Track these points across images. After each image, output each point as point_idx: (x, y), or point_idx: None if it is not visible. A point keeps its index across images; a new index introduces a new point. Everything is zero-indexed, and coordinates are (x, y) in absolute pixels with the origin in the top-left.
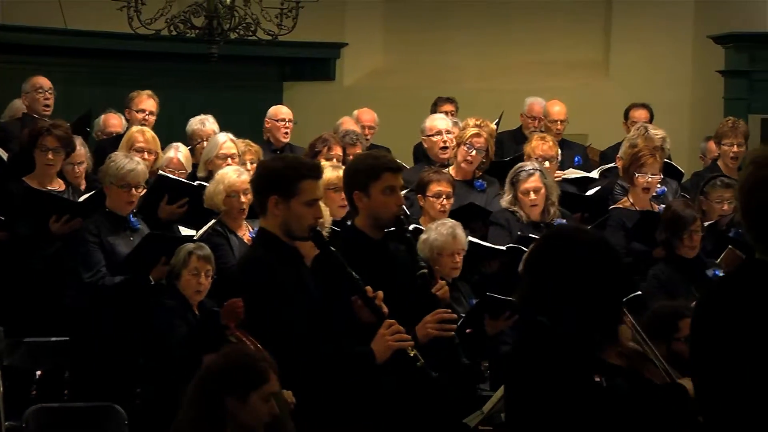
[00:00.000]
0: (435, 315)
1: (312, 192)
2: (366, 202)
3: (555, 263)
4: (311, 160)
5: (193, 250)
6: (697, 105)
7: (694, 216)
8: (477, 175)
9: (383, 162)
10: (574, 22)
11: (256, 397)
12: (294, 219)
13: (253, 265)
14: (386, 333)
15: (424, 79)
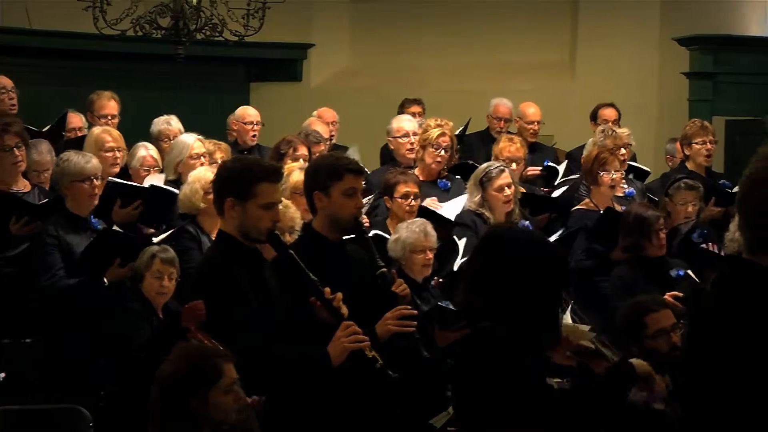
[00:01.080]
0: (395, 311)
1: (269, 195)
2: (326, 203)
3: (491, 265)
4: (271, 163)
5: (156, 253)
6: (663, 106)
7: (657, 215)
8: (441, 175)
9: (345, 163)
10: (540, 24)
11: (217, 392)
12: (250, 222)
13: (209, 266)
14: (342, 335)
15: (390, 80)
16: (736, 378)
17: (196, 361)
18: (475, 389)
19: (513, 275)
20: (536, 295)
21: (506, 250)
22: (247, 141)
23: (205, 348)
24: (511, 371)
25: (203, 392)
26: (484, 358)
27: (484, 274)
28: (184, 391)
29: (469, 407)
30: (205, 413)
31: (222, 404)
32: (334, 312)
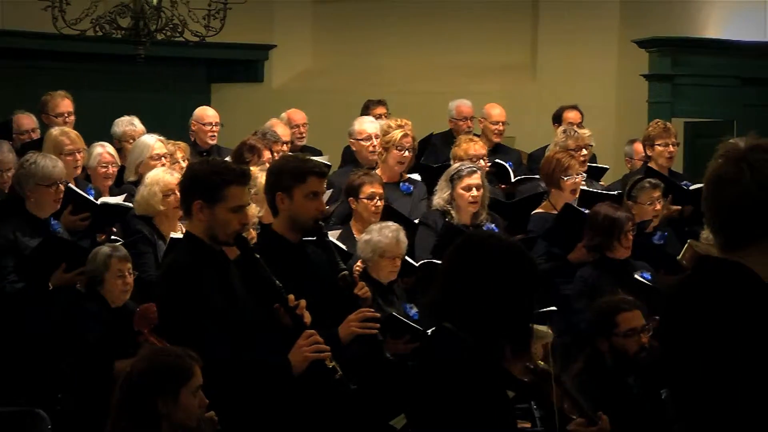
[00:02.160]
0: (358, 314)
1: (238, 198)
2: (288, 205)
3: (466, 269)
4: (239, 165)
5: (110, 253)
6: (622, 108)
7: (628, 216)
8: (403, 178)
9: (309, 166)
10: (502, 25)
11: (186, 392)
12: (219, 225)
13: (179, 269)
14: (304, 344)
15: (353, 81)
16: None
17: (168, 359)
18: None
19: (486, 281)
20: (507, 304)
21: (483, 256)
22: (206, 141)
23: (175, 348)
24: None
25: (174, 391)
26: (444, 359)
27: (457, 277)
28: (153, 390)
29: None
30: (169, 414)
31: (189, 406)
32: (296, 319)
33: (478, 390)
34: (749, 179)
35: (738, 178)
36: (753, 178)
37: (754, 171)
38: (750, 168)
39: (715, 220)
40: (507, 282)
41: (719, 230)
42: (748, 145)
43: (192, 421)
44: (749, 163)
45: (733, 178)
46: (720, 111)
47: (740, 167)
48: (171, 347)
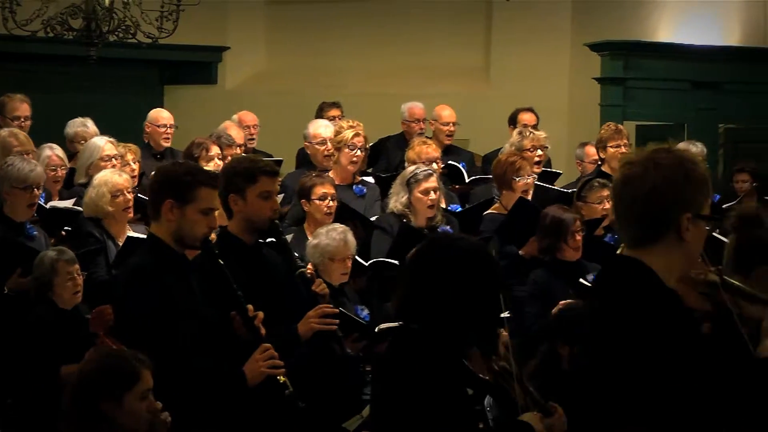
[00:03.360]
0: (317, 310)
1: (208, 201)
2: (241, 206)
3: (433, 270)
4: (210, 170)
5: (57, 257)
6: (574, 111)
7: (574, 217)
8: (356, 180)
9: (260, 166)
10: (456, 28)
11: (131, 397)
12: (187, 226)
13: (140, 272)
14: (260, 358)
15: (307, 82)
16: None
17: (113, 363)
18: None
19: (453, 283)
20: (474, 305)
21: (450, 257)
22: (161, 144)
23: (123, 351)
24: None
25: (118, 396)
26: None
27: (424, 278)
28: (97, 393)
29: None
30: (115, 419)
31: (135, 411)
32: (253, 331)
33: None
34: (654, 174)
35: (644, 175)
36: (657, 173)
37: (658, 167)
38: (655, 165)
39: (622, 218)
40: (473, 283)
41: (626, 228)
42: (649, 149)
43: (139, 426)
44: (654, 161)
45: (640, 175)
46: (671, 114)
47: (646, 166)
48: (119, 350)
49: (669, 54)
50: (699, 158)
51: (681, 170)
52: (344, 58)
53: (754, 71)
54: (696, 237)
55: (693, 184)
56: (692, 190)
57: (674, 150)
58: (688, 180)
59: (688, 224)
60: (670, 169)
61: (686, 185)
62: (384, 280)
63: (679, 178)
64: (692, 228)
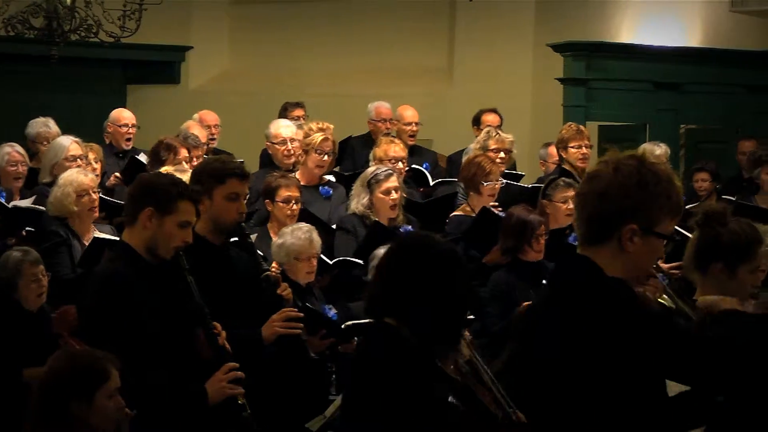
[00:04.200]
0: (281, 314)
1: (187, 214)
2: (208, 205)
3: (406, 268)
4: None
5: (22, 257)
6: (537, 112)
7: (540, 220)
8: (323, 181)
9: (231, 167)
10: (419, 29)
11: (101, 395)
12: (163, 237)
13: (110, 280)
14: (224, 378)
15: (270, 83)
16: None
17: (83, 361)
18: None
19: (425, 280)
20: (444, 302)
21: (422, 255)
22: (122, 144)
23: (92, 350)
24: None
25: (88, 393)
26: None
27: (397, 275)
28: (68, 392)
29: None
30: (84, 417)
31: (104, 409)
32: (218, 349)
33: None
34: (611, 177)
35: (602, 176)
36: (615, 176)
37: (617, 171)
38: (615, 168)
39: (579, 215)
40: (443, 281)
41: (580, 225)
42: (626, 153)
43: (108, 425)
44: (616, 164)
45: (599, 176)
46: (633, 115)
47: (609, 168)
48: (88, 349)
49: (631, 55)
50: (666, 172)
51: (636, 178)
52: (308, 59)
53: (715, 72)
54: (642, 251)
55: (646, 194)
56: (643, 201)
57: (644, 159)
58: (642, 189)
59: (631, 235)
60: (626, 175)
61: (637, 194)
62: (349, 280)
63: (631, 186)
64: (638, 240)
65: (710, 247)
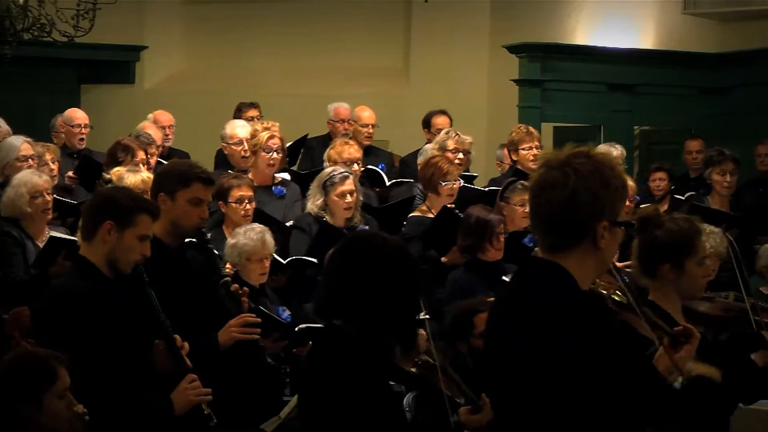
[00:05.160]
0: (239, 319)
1: (146, 228)
2: (169, 206)
3: (354, 267)
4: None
5: None
6: (493, 113)
7: (499, 219)
8: (276, 181)
9: (197, 172)
10: (376, 29)
11: (50, 396)
12: (122, 250)
13: (68, 296)
14: (189, 387)
15: (225, 83)
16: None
17: (30, 363)
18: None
19: (372, 279)
20: (393, 301)
21: (369, 254)
22: (75, 144)
23: (38, 351)
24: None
25: (37, 396)
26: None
27: (344, 276)
28: (15, 395)
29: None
30: (35, 419)
31: (55, 409)
32: (179, 361)
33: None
34: (575, 181)
35: (565, 182)
36: (578, 180)
37: (579, 174)
38: (575, 172)
39: (541, 223)
40: (391, 280)
41: (542, 233)
42: (568, 152)
43: (60, 425)
44: (573, 167)
45: (560, 182)
46: (588, 116)
47: (565, 172)
48: (35, 350)
49: (585, 56)
50: (617, 163)
51: (599, 178)
52: (263, 59)
53: (668, 74)
54: (610, 244)
55: (611, 191)
56: (610, 197)
57: (593, 155)
58: (607, 188)
59: (603, 232)
60: (589, 177)
61: (604, 193)
62: (303, 280)
63: (598, 186)
64: (607, 235)
65: (652, 251)
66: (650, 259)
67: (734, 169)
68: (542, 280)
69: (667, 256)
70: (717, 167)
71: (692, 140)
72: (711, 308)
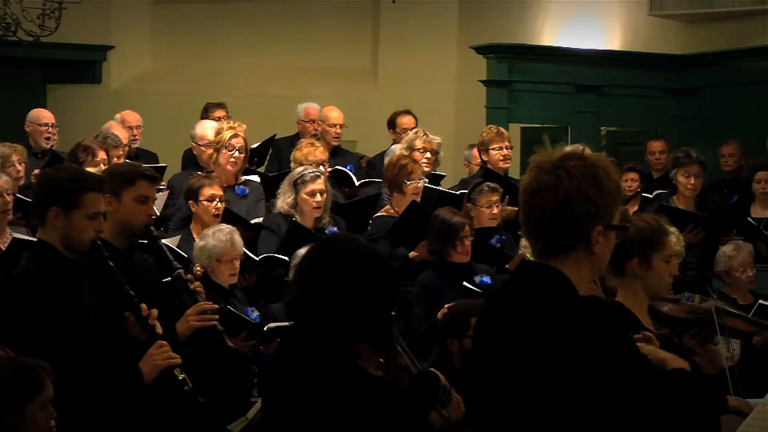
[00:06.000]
0: (196, 308)
1: (95, 205)
2: (116, 207)
3: (326, 270)
4: (95, 173)
5: None
6: (461, 113)
7: (463, 222)
8: (239, 180)
9: (140, 169)
10: (344, 30)
11: (34, 406)
12: (74, 232)
13: (27, 279)
14: (156, 353)
15: (193, 83)
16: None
17: (16, 372)
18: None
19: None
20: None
21: (349, 261)
22: (41, 144)
23: (26, 360)
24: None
25: (20, 405)
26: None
27: (319, 279)
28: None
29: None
30: (15, 427)
31: (36, 419)
32: (148, 329)
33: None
34: (568, 185)
35: (557, 186)
36: (572, 184)
37: (572, 178)
38: (568, 175)
39: (534, 228)
40: (368, 284)
41: (539, 238)
42: (559, 154)
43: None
44: (566, 170)
45: (552, 186)
46: (555, 117)
47: (558, 175)
48: (21, 358)
49: (553, 57)
50: (611, 165)
51: (594, 182)
52: (231, 59)
53: (634, 75)
54: (605, 248)
55: (605, 194)
56: (605, 201)
57: (586, 156)
58: (601, 192)
59: (598, 236)
60: (583, 180)
61: (599, 197)
62: (271, 280)
63: (593, 190)
64: (602, 239)
65: (620, 247)
66: (619, 257)
67: (699, 172)
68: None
69: (635, 250)
70: (682, 169)
71: (655, 141)
72: (676, 310)
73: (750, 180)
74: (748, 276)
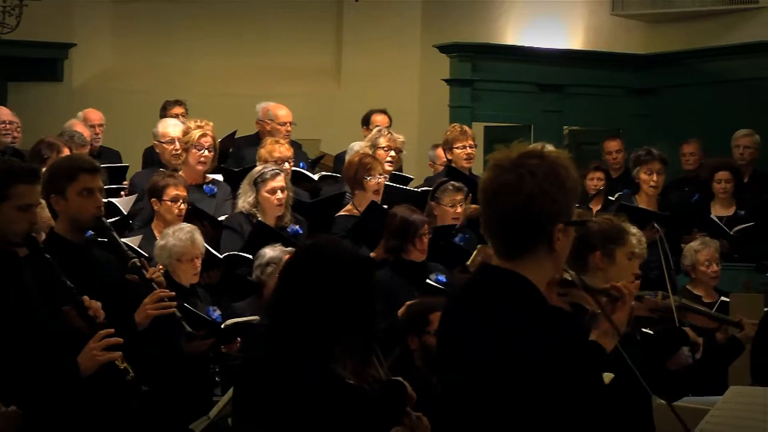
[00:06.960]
0: (153, 296)
1: (26, 197)
2: (63, 205)
3: (310, 273)
4: (28, 164)
5: None
6: (424, 113)
7: (423, 220)
8: (207, 180)
9: (79, 163)
10: (307, 29)
11: None
12: (6, 224)
13: None
14: (95, 346)
15: (155, 81)
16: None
17: None
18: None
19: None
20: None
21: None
22: (1, 141)
23: None
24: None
25: None
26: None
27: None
28: None
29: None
30: None
31: None
32: (89, 321)
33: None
34: (531, 184)
35: (520, 185)
36: (535, 183)
37: (534, 177)
38: (530, 174)
39: (496, 228)
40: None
41: (500, 238)
42: (518, 152)
43: None
44: (528, 169)
45: (514, 186)
46: (518, 116)
47: (520, 174)
48: None
49: (516, 57)
50: (570, 162)
51: (555, 179)
52: (193, 58)
53: (597, 75)
54: (565, 244)
55: (567, 192)
56: (565, 199)
57: (546, 154)
58: (563, 190)
59: (559, 234)
60: (545, 179)
61: (561, 195)
62: (233, 279)
63: (555, 188)
64: (562, 237)
65: (583, 242)
66: (582, 251)
67: (661, 169)
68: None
69: (598, 243)
70: (644, 166)
71: (611, 140)
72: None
73: (710, 180)
74: (713, 270)
